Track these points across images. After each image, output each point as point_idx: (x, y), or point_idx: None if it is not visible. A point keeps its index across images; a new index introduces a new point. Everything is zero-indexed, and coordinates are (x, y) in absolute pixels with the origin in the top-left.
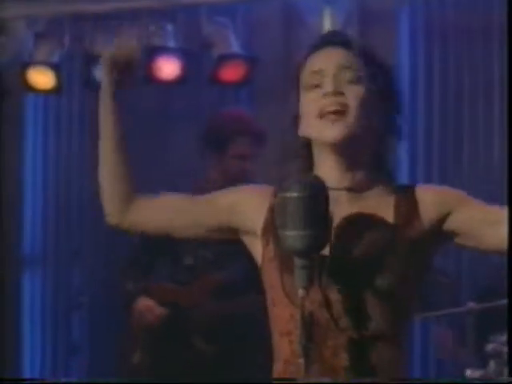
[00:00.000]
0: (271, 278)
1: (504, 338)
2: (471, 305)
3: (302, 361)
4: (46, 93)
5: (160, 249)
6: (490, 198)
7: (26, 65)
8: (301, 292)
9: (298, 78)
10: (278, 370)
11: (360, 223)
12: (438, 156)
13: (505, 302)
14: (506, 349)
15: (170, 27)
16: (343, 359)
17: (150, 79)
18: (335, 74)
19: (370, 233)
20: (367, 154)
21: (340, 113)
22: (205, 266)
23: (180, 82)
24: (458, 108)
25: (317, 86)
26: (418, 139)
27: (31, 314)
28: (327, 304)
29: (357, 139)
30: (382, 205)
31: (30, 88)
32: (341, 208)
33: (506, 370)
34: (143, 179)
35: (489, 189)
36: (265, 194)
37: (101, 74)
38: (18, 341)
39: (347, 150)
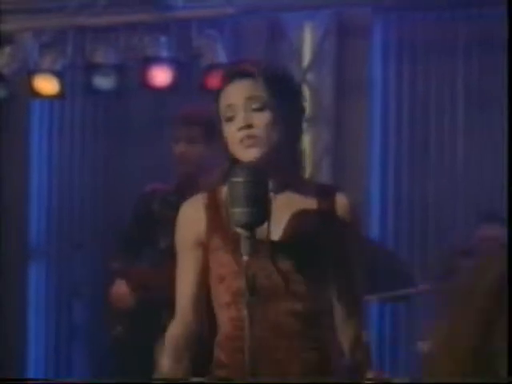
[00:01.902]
0: (222, 260)
1: None
2: (423, 286)
3: (246, 314)
4: (50, 98)
5: (147, 233)
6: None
7: (32, 72)
8: (245, 258)
9: (217, 107)
10: (220, 343)
11: (290, 210)
12: (407, 157)
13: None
14: None
15: (163, 39)
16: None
17: (145, 86)
18: (244, 106)
19: (298, 217)
20: (283, 159)
21: (252, 138)
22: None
23: (172, 88)
24: (425, 114)
25: (231, 119)
26: (390, 143)
27: (36, 301)
28: (267, 272)
29: (269, 155)
30: (306, 197)
31: (36, 94)
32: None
33: None
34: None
35: (453, 182)
36: (197, 203)
37: None
38: (24, 327)
39: (263, 164)
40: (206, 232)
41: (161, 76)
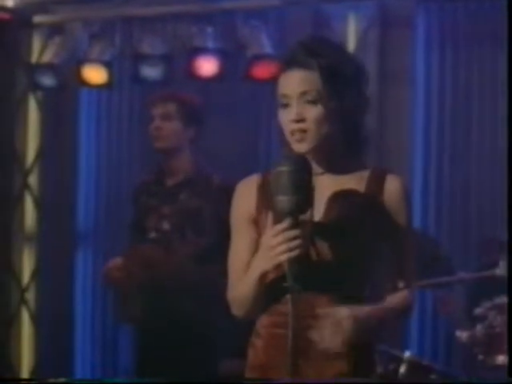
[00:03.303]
0: None
1: (489, 304)
2: (462, 274)
3: (288, 297)
4: (99, 87)
5: (139, 225)
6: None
7: (81, 62)
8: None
9: (275, 92)
10: (259, 329)
11: (340, 194)
12: (449, 146)
13: (492, 272)
14: (492, 313)
15: (209, 29)
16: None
17: (191, 76)
18: (298, 98)
19: (347, 201)
20: (335, 147)
21: (302, 133)
22: (164, 237)
23: (218, 78)
24: (468, 103)
25: (286, 106)
26: (432, 131)
27: (83, 285)
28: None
29: (319, 146)
30: (355, 181)
31: (85, 83)
32: (321, 183)
33: (490, 332)
34: None
35: (495, 171)
36: (251, 183)
37: None
38: (72, 310)
39: (314, 153)
40: (256, 211)
41: (207, 66)
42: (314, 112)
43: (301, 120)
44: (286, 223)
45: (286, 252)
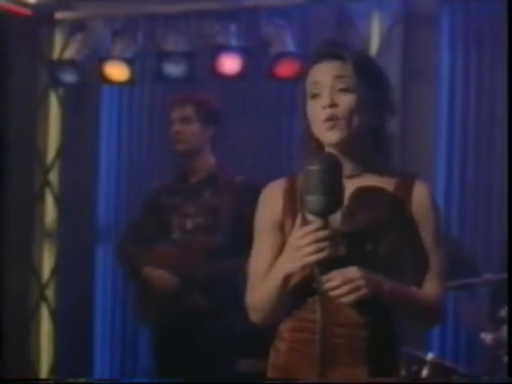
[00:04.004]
0: None
1: None
2: (488, 276)
3: (317, 298)
4: (121, 85)
5: (157, 222)
6: None
7: (103, 59)
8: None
9: (303, 86)
10: (283, 332)
11: (366, 194)
12: (473, 145)
13: None
14: None
15: (232, 27)
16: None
17: (214, 74)
18: (331, 84)
19: (374, 202)
20: (363, 144)
21: (335, 119)
22: (186, 236)
23: (240, 76)
24: (492, 102)
25: (316, 96)
26: (455, 131)
27: (103, 283)
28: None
29: (350, 138)
30: (383, 183)
31: (107, 80)
32: (350, 186)
33: None
34: None
35: None
36: (278, 187)
37: None
38: (91, 308)
39: (344, 147)
40: (282, 215)
41: (230, 64)
42: (346, 99)
43: (334, 105)
44: (315, 224)
45: (314, 253)
